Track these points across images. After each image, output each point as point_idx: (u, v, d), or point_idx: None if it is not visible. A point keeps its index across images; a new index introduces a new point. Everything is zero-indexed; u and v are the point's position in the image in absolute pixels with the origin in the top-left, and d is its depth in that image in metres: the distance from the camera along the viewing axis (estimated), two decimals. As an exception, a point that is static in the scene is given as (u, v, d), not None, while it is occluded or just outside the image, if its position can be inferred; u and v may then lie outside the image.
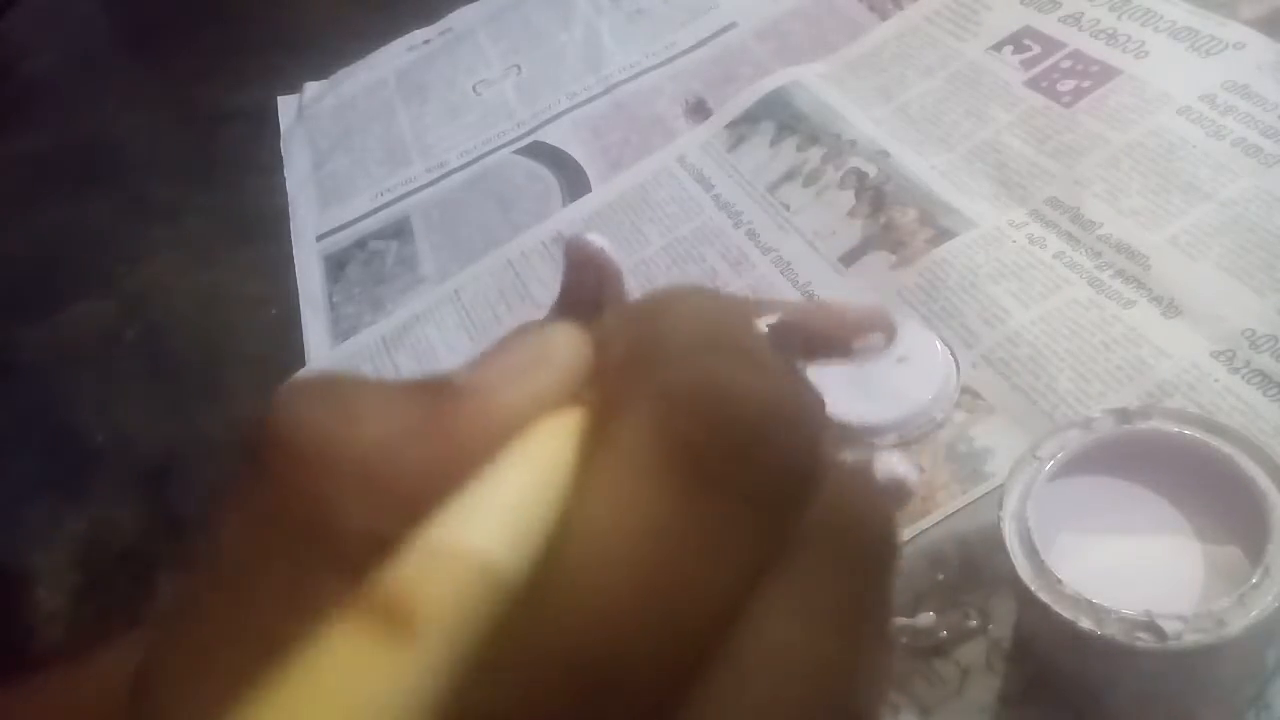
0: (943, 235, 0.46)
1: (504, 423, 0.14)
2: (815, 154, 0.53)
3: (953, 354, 0.40)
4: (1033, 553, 0.30)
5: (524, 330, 0.16)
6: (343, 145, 0.70)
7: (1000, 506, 0.31)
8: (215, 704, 0.12)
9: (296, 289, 0.61)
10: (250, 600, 0.14)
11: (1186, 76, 0.48)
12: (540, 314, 0.54)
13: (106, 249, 0.68)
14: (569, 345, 0.15)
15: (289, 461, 0.14)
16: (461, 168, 0.65)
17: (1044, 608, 0.29)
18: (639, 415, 0.13)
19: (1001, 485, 0.36)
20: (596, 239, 0.25)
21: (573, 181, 0.60)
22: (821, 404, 0.15)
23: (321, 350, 0.57)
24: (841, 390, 0.37)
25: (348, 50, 0.77)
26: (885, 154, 0.51)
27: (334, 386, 0.15)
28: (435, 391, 0.15)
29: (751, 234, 0.51)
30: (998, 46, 0.54)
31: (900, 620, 0.35)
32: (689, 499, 0.13)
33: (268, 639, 0.12)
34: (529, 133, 0.65)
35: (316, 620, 0.12)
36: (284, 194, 0.68)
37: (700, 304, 0.15)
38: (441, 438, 0.14)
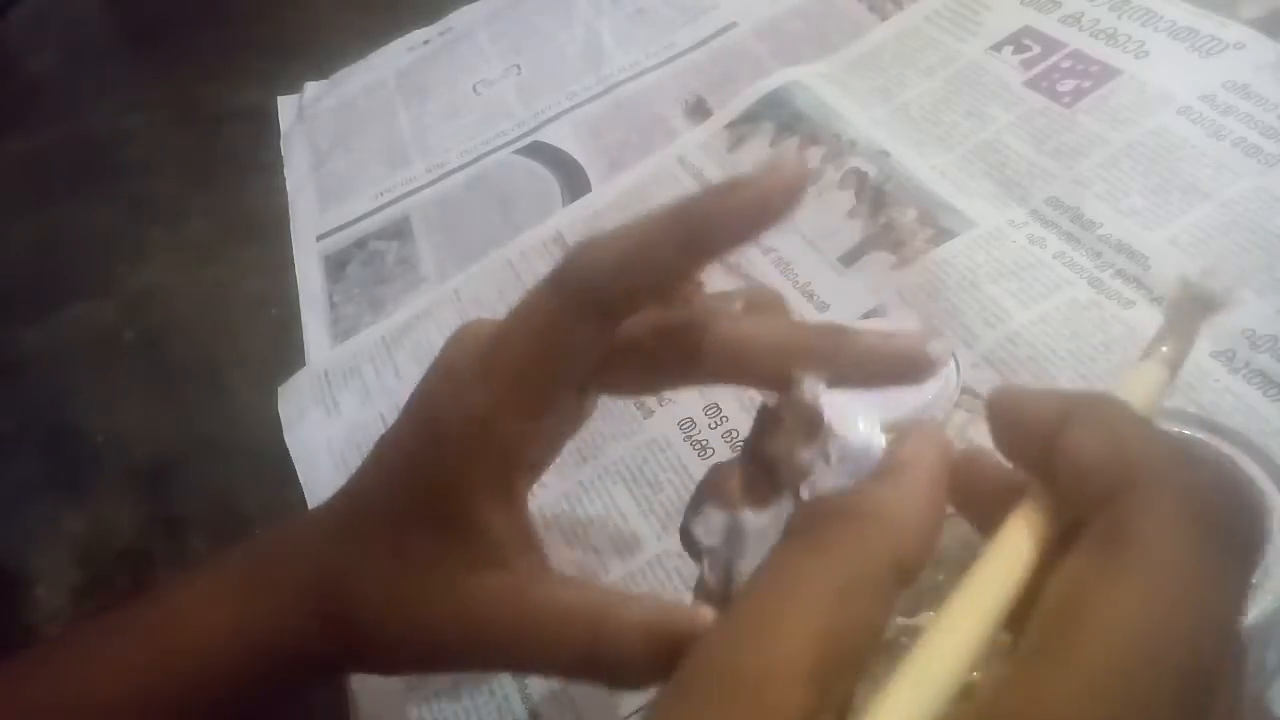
0: (943, 235, 0.46)
1: None
2: (815, 154, 0.53)
3: (953, 354, 0.40)
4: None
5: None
6: (343, 145, 0.70)
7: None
8: None
9: (296, 289, 0.61)
10: None
11: (1186, 76, 0.48)
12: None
13: (106, 249, 0.68)
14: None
15: None
16: (461, 168, 0.65)
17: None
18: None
19: (1001, 485, 0.36)
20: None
21: (573, 181, 0.60)
22: None
23: (321, 350, 0.57)
24: (841, 390, 0.37)
25: (348, 50, 0.78)
26: (885, 154, 0.51)
27: None
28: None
29: (751, 234, 0.51)
30: (998, 46, 0.54)
31: (900, 620, 0.35)
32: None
33: None
34: (529, 133, 0.65)
35: None
36: (284, 194, 0.68)
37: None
38: None
